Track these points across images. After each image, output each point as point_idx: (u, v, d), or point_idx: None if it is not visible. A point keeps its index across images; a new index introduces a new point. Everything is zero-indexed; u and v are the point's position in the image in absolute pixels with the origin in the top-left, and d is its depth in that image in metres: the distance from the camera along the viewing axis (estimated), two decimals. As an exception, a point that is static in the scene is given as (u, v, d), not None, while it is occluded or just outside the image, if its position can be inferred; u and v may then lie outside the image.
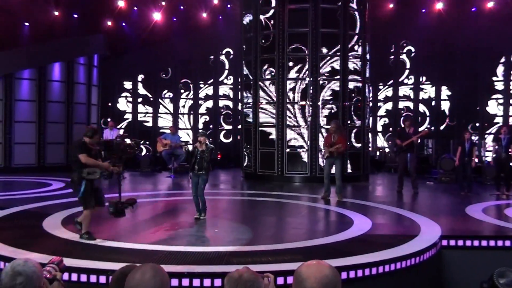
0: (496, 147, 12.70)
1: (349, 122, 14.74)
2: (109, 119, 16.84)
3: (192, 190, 8.92)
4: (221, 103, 21.25)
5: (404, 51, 20.25)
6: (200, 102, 21.18)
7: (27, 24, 17.80)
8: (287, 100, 14.68)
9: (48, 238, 7.33)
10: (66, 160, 17.43)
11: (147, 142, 20.31)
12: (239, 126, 17.78)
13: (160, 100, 20.91)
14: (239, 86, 16.61)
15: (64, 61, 17.60)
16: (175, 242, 7.18)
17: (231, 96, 21.15)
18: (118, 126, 19.19)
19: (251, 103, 15.33)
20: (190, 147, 9.00)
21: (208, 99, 21.21)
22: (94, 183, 7.24)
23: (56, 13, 17.81)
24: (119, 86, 20.79)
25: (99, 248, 6.78)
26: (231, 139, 21.21)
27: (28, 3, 16.84)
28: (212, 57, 21.05)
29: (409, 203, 11.29)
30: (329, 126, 11.64)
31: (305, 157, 14.65)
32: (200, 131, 9.20)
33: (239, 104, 17.22)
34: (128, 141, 7.88)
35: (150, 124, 20.82)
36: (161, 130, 20.20)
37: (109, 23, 18.82)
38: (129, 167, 17.57)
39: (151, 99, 20.86)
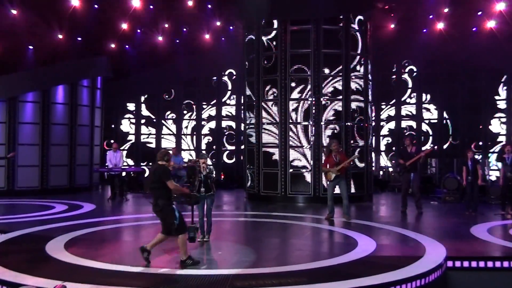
0: (502, 167, 12.66)
1: (352, 142, 14.74)
2: (112, 141, 16.91)
3: (199, 212, 8.89)
4: (224, 123, 21.31)
5: (406, 70, 20.36)
6: (203, 123, 21.25)
7: (31, 47, 17.98)
8: (290, 121, 14.70)
9: (51, 262, 7.31)
10: (69, 182, 17.47)
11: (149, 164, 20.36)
12: (242, 147, 17.83)
13: (163, 121, 20.99)
14: (242, 107, 16.66)
15: (68, 83, 17.72)
16: (178, 265, 7.15)
17: (234, 116, 21.21)
18: (121, 148, 19.25)
19: (253, 124, 15.37)
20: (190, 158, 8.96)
21: (211, 119, 21.28)
22: None
23: (60, 36, 17.99)
24: (122, 108, 20.92)
25: (103, 272, 6.74)
26: (234, 159, 21.23)
27: (32, 27, 17.03)
28: (215, 78, 21.19)
29: (413, 223, 11.23)
30: (333, 146, 11.58)
31: (308, 177, 14.62)
32: (201, 153, 9.21)
33: (242, 125, 17.26)
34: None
35: (153, 145, 20.88)
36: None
37: (113, 45, 19.01)
38: (132, 188, 17.59)
39: (154, 120, 20.95)
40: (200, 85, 21.19)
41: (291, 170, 14.66)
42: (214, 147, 21.08)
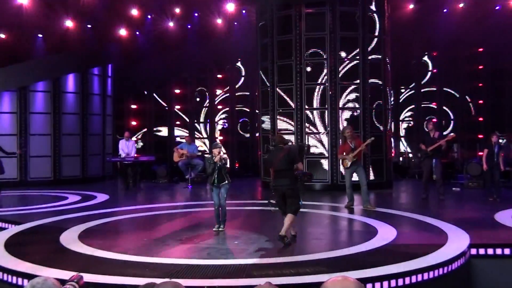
0: None
1: (370, 127, 14.68)
2: (125, 131, 17.00)
3: (214, 200, 8.97)
4: (238, 111, 21.32)
5: (426, 52, 20.12)
6: (216, 110, 21.27)
7: (40, 36, 18.09)
8: (306, 107, 14.67)
9: (66, 253, 7.41)
10: (82, 172, 17.64)
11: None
12: (257, 134, 17.83)
13: (175, 109, 21.04)
14: (256, 93, 16.65)
15: (79, 72, 17.83)
16: (194, 255, 7.22)
17: (249, 103, 21.19)
18: (134, 138, 19.36)
19: (268, 110, 15.35)
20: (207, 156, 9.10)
21: (224, 107, 21.28)
22: None
23: (69, 23, 18.06)
24: (134, 96, 21.00)
25: (118, 263, 6.83)
26: (248, 147, 21.24)
27: (40, 15, 17.12)
28: (228, 64, 21.16)
29: (435, 210, 11.17)
30: (346, 132, 11.51)
31: (325, 164, 14.61)
32: (214, 143, 9.25)
33: (257, 112, 17.25)
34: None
35: (165, 134, 20.97)
36: (177, 140, 20.35)
37: (123, 32, 19.04)
38: (146, 178, 17.73)
39: (166, 108, 21.02)
40: (213, 72, 21.19)
41: (308, 158, 14.64)
42: (228, 135, 21.10)
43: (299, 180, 8.58)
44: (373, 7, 14.77)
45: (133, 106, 21.02)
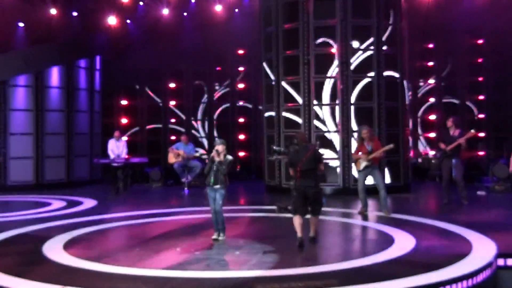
0: None
1: (385, 124, 14.64)
2: (115, 129, 16.96)
3: (210, 205, 8.97)
4: (240, 107, 21.30)
5: (446, 40, 20.02)
6: (215, 106, 21.26)
7: (21, 25, 18.09)
8: (314, 102, 14.64)
9: (49, 264, 7.40)
10: (67, 176, 17.65)
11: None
12: (261, 133, 17.79)
13: (170, 105, 21.03)
14: (260, 88, 16.64)
15: (64, 65, 17.83)
16: (191, 266, 7.19)
17: (251, 99, 21.17)
18: (124, 137, 19.33)
19: (273, 106, 15.33)
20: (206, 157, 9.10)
21: (224, 102, 21.26)
22: None
23: (53, 11, 18.07)
24: (125, 91, 20.99)
25: (107, 275, 6.81)
26: (251, 147, 21.23)
27: (21, 2, 17.12)
28: (228, 55, 21.14)
29: (457, 216, 11.11)
30: (363, 133, 11.46)
31: (336, 166, 14.57)
32: (217, 139, 9.22)
33: (260, 108, 17.23)
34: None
35: (159, 132, 20.96)
36: (172, 138, 20.35)
37: (112, 20, 19.03)
38: (138, 181, 17.72)
39: (160, 104, 21.01)
40: (212, 64, 21.18)
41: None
42: (229, 133, 21.09)
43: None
44: (388, -8, 14.77)
45: (124, 102, 21.03)
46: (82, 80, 18.42)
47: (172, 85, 21.09)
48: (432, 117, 20.25)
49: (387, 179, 14.55)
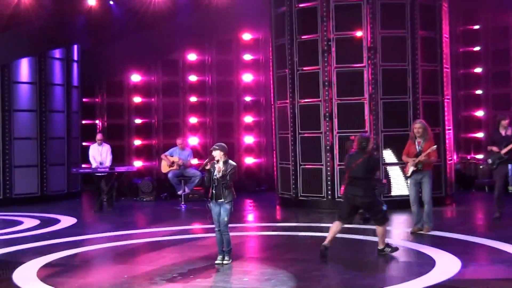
0: None
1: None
2: (98, 133, 16.97)
3: (214, 222, 8.98)
4: (247, 103, 21.27)
5: (495, 20, 19.86)
6: (217, 103, 21.23)
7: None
8: (337, 97, 14.65)
9: (21, 295, 7.43)
10: (40, 189, 17.67)
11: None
12: (273, 135, 17.79)
13: (162, 102, 21.03)
14: (271, 80, 16.64)
15: (34, 56, 17.87)
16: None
17: (260, 93, 21.18)
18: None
19: (287, 103, 15.36)
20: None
21: (227, 97, 21.25)
22: None
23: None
24: (108, 86, 21.02)
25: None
26: (261, 152, 21.21)
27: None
28: (232, 42, 21.13)
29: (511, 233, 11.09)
30: (413, 129, 11.33)
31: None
32: (215, 145, 9.21)
33: (271, 104, 17.21)
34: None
35: (149, 135, 20.97)
36: (166, 143, 20.37)
37: (92, 1, 19.06)
38: (125, 194, 17.75)
39: (152, 100, 21.02)
40: (212, 51, 21.18)
41: (340, 166, 14.53)
42: (234, 136, 21.08)
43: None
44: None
45: (107, 100, 21.05)
46: (57, 73, 18.43)
47: (164, 76, 21.06)
48: (479, 113, 20.13)
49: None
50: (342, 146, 14.20)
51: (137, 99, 20.77)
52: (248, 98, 21.06)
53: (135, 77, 20.85)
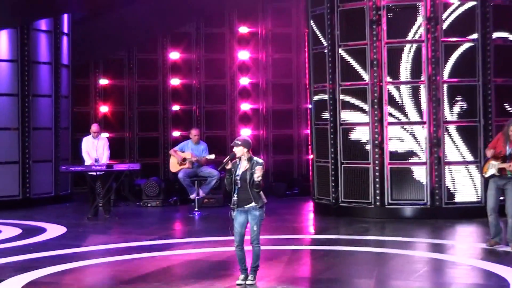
0: None
1: (496, 112, 14.54)
2: (93, 124, 16.91)
3: (235, 236, 8.90)
4: (273, 85, 21.25)
5: None
6: (237, 85, 21.23)
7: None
8: (388, 79, 14.59)
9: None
10: (22, 191, 17.70)
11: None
12: (308, 127, 17.74)
13: (169, 83, 21.06)
14: (307, 59, 16.58)
15: (15, 27, 17.95)
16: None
17: (291, 75, 21.13)
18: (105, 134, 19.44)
19: (325, 87, 15.32)
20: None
21: (250, 78, 21.21)
22: None
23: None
24: (106, 65, 21.09)
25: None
26: (292, 148, 21.18)
27: None
28: (257, 11, 21.10)
29: None
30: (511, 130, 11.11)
31: (421, 174, 14.52)
32: (237, 140, 9.13)
33: (306, 88, 17.17)
34: None
35: (155, 126, 21.01)
36: (176, 135, 20.39)
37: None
38: (125, 198, 17.79)
39: (156, 81, 21.06)
40: (232, 24, 21.15)
41: (391, 164, 14.60)
42: (259, 128, 21.08)
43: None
44: None
45: (104, 82, 21.14)
46: (43, 50, 18.48)
47: (174, 55, 21.11)
48: None
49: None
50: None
51: (141, 82, 20.83)
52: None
53: (139, 55, 20.92)
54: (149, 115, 21.05)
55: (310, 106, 16.30)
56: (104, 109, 21.09)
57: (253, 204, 8.76)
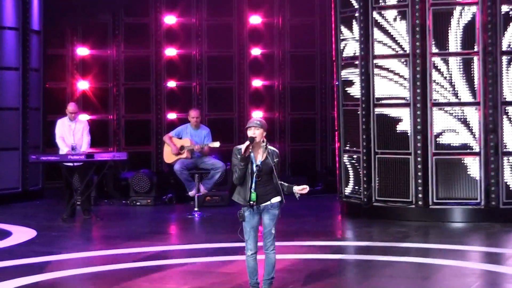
0: None
1: None
2: (70, 104, 16.92)
3: (249, 241, 8.88)
4: (292, 56, 21.26)
5: None
6: (249, 57, 21.26)
7: None
8: (433, 50, 14.55)
9: None
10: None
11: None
12: (334, 109, 17.74)
13: (164, 54, 21.08)
14: (333, 24, 16.57)
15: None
16: None
17: (314, 44, 21.13)
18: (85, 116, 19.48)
19: (356, 57, 15.30)
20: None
21: (263, 48, 21.24)
22: None
23: None
24: (86, 31, 21.11)
25: None
26: (314, 135, 21.19)
27: None
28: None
29: None
30: None
31: (474, 167, 14.52)
32: (252, 119, 9.11)
33: (332, 61, 17.16)
34: None
35: (147, 106, 21.05)
36: (171, 117, 20.42)
37: None
38: (109, 195, 17.82)
39: (148, 51, 21.08)
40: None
41: (437, 155, 14.59)
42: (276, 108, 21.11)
43: None
44: None
45: (83, 52, 21.15)
46: (7, 12, 18.53)
47: (170, 19, 21.12)
48: None
49: None
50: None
51: (129, 52, 20.84)
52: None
53: (127, 19, 20.93)
54: (138, 93, 21.10)
55: (337, 82, 16.26)
56: (83, 85, 21.10)
57: (276, 199, 8.78)
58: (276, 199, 8.79)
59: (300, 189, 8.80)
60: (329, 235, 14.29)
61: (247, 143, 8.67)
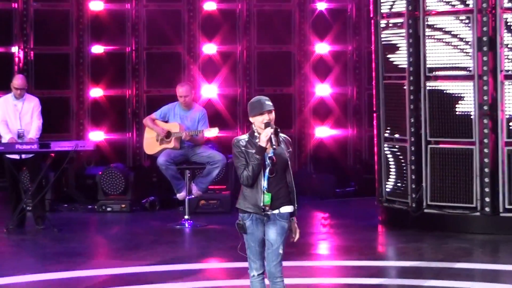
0: None
1: None
2: (17, 76, 16.94)
3: (252, 260, 8.83)
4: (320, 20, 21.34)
5: None
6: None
7: None
8: (505, 4, 14.49)
9: None
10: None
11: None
12: (372, 83, 17.76)
13: (147, 10, 21.14)
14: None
15: None
16: None
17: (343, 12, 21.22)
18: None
19: (403, 14, 15.29)
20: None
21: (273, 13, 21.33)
22: None
23: None
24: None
25: None
26: (344, 125, 21.20)
27: None
28: None
29: None
30: None
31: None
32: (265, 99, 8.96)
33: (370, 19, 17.16)
34: None
35: (122, 80, 21.07)
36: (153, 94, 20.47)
37: None
38: (70, 198, 17.84)
39: (127, 7, 21.11)
40: None
41: (510, 145, 14.58)
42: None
43: None
44: None
45: (36, 8, 21.18)
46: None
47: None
48: None
49: None
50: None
51: (96, 5, 20.87)
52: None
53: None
54: (112, 58, 21.07)
55: (375, 47, 16.24)
56: (36, 51, 21.11)
57: (286, 209, 8.67)
58: (287, 209, 8.66)
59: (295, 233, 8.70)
60: (366, 252, 14.28)
61: (269, 131, 8.50)
